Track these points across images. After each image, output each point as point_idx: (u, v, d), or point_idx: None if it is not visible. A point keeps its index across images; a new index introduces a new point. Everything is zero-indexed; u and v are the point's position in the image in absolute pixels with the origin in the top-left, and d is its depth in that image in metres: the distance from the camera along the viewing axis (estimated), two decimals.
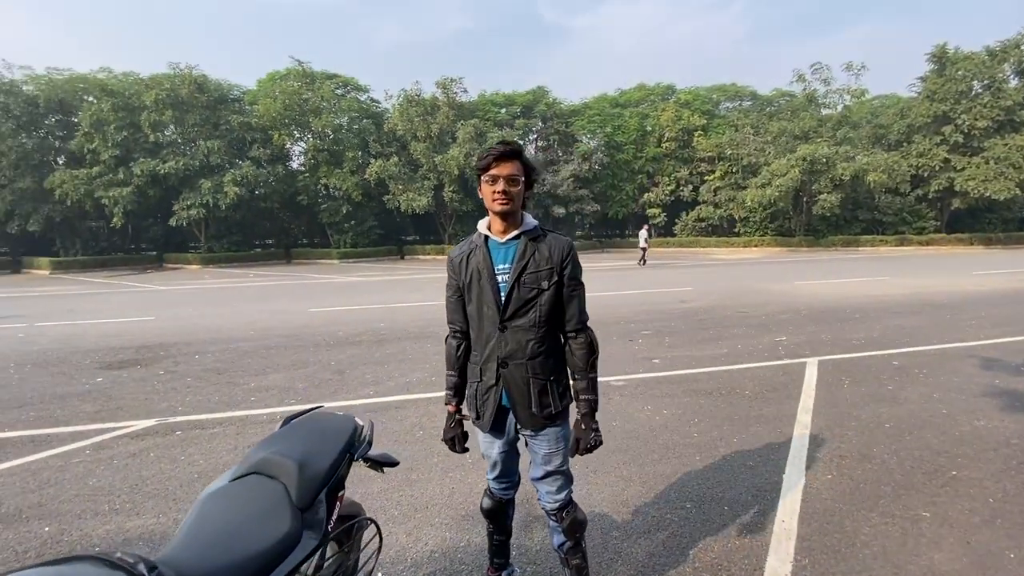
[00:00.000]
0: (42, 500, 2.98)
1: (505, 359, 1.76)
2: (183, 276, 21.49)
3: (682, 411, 4.14)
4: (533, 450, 1.87)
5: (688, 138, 33.57)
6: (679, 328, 7.50)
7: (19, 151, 25.02)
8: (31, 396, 5.03)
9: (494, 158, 1.69)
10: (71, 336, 8.23)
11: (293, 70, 29.37)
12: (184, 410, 4.53)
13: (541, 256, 1.75)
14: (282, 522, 1.31)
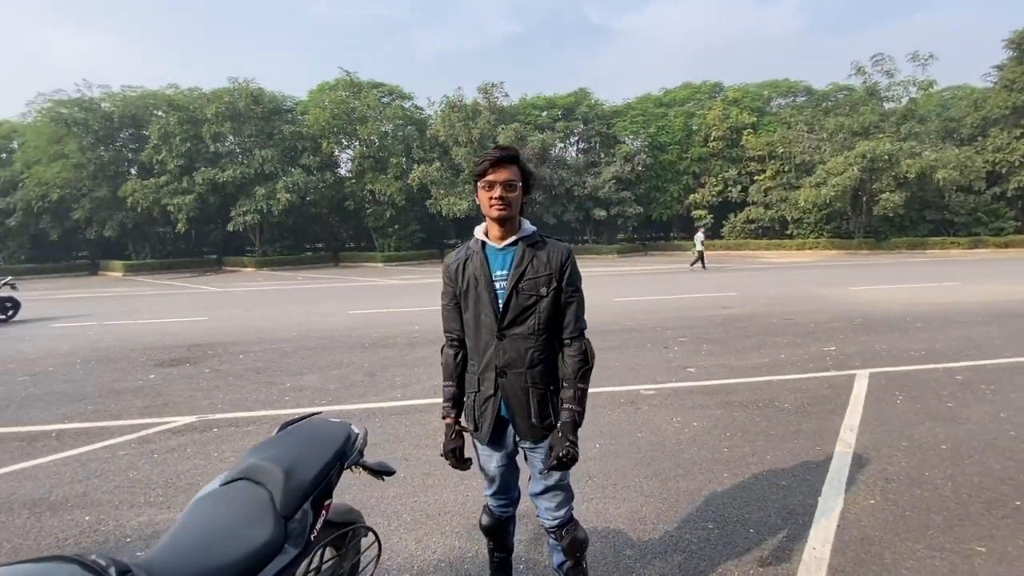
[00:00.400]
0: (86, 490, 3.18)
1: (504, 368, 1.71)
2: (238, 278, 22.67)
3: (713, 424, 3.95)
4: (532, 463, 1.82)
5: (736, 137, 32.36)
6: (718, 335, 7.19)
7: (97, 163, 27.21)
8: (90, 390, 5.41)
9: (490, 164, 1.66)
10: (133, 334, 8.82)
11: (341, 80, 30.47)
12: (223, 408, 4.73)
13: (539, 262, 1.71)
14: (263, 530, 1.31)
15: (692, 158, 33.11)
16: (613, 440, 3.69)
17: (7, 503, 3.01)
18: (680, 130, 33.09)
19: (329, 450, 1.59)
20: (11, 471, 3.48)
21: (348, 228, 34.55)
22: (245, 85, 28.36)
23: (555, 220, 31.78)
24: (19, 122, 30.02)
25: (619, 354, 6.26)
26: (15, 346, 8.10)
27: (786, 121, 32.03)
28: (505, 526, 1.95)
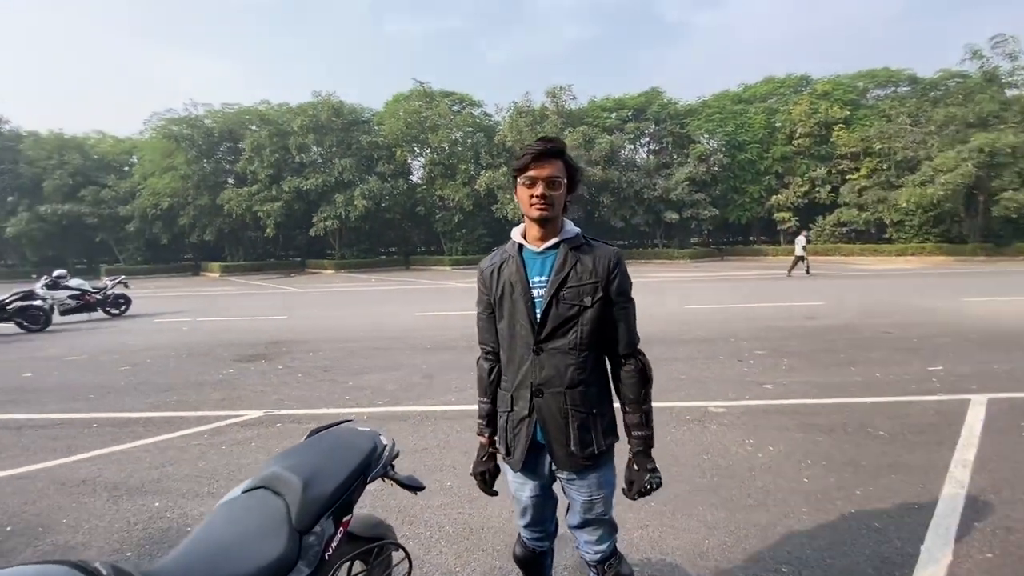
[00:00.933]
0: (160, 477, 3.38)
1: (540, 386, 1.53)
2: (318, 280, 24.11)
3: (792, 449, 3.53)
4: (571, 495, 1.63)
5: (826, 133, 29.87)
6: (802, 349, 6.55)
7: (200, 174, 30.13)
8: (177, 382, 5.87)
9: (532, 157, 1.48)
10: (220, 331, 9.55)
11: (415, 91, 31.64)
12: (288, 404, 4.93)
13: (584, 268, 1.52)
14: (276, 545, 1.25)
15: (774, 157, 30.99)
16: (675, 461, 3.39)
17: (92, 485, 3.27)
18: (761, 127, 31.08)
19: (353, 462, 1.51)
20: (101, 454, 3.79)
21: (419, 233, 35.74)
22: (327, 99, 30.25)
23: (623, 223, 30.98)
24: (138, 139, 33.96)
25: (687, 366, 5.86)
26: (122, 338, 9.04)
27: (885, 114, 29.13)
28: (540, 559, 1.78)
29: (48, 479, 3.38)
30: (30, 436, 4.22)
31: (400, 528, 2.66)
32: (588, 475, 1.56)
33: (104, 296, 12.05)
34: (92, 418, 4.66)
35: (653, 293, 13.72)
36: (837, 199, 29.51)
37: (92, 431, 4.31)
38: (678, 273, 21.06)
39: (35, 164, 31.82)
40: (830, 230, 29.56)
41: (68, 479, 3.37)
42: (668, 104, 32.46)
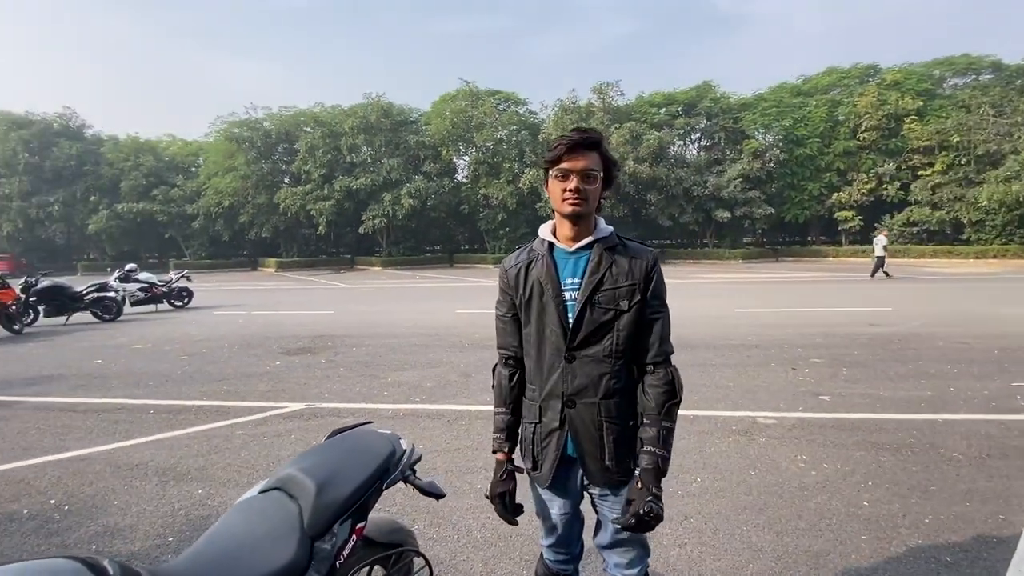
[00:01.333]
0: (205, 465, 3.51)
1: (572, 397, 1.42)
2: (366, 276, 24.80)
3: (851, 468, 3.24)
4: (603, 513, 1.51)
5: (895, 126, 27.86)
6: (864, 358, 6.08)
7: (258, 174, 31.67)
8: (229, 372, 6.13)
9: (567, 148, 1.37)
10: (271, 324, 9.95)
11: (461, 90, 31.96)
12: (329, 397, 5.04)
13: (619, 270, 1.40)
14: (287, 550, 1.22)
15: (836, 152, 29.19)
16: (719, 475, 3.19)
17: (144, 469, 3.44)
18: (822, 121, 29.33)
19: (370, 467, 1.47)
20: (154, 440, 3.99)
21: (463, 231, 36.13)
22: (376, 100, 31.07)
23: (671, 222, 30.11)
24: (203, 141, 36.08)
25: (735, 373, 5.56)
26: (184, 329, 9.59)
27: (964, 104, 26.86)
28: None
29: (105, 462, 3.58)
30: (94, 420, 4.51)
31: (427, 530, 2.63)
32: (624, 492, 1.44)
33: (169, 289, 12.85)
34: (150, 404, 4.93)
35: (702, 295, 13.22)
36: (907, 197, 27.50)
37: (149, 417, 4.56)
38: (729, 274, 20.22)
39: (114, 166, 34.43)
40: (899, 230, 27.56)
41: (123, 462, 3.56)
42: (721, 98, 31.23)
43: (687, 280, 17.92)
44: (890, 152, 28.32)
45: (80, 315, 10.96)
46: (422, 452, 1.77)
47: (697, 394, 4.82)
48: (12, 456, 3.73)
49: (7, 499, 3.08)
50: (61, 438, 4.07)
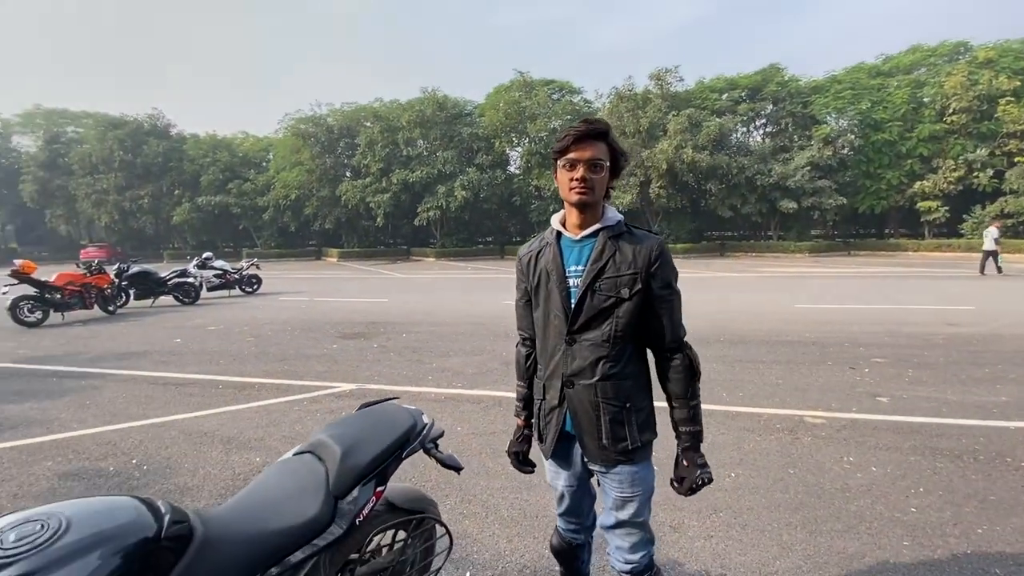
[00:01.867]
0: (264, 436, 3.83)
1: (571, 377, 1.50)
2: (420, 266, 25.53)
3: (901, 473, 3.07)
4: (604, 491, 1.58)
5: (988, 108, 25.10)
6: (934, 359, 5.65)
7: (322, 168, 33.21)
8: (290, 353, 6.58)
9: (574, 139, 1.43)
10: (331, 310, 10.52)
11: (515, 81, 31.93)
12: (378, 380, 5.31)
13: (623, 258, 1.45)
14: (313, 505, 1.36)
15: (919, 137, 26.70)
16: (755, 472, 3.12)
17: (211, 437, 3.80)
18: (904, 103, 26.89)
19: (392, 437, 1.59)
20: (221, 412, 4.39)
21: (515, 222, 36.25)
22: (432, 94, 31.65)
23: (731, 213, 28.77)
24: (273, 137, 38.23)
25: (786, 370, 5.34)
26: (252, 313, 10.32)
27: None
28: (576, 552, 1.75)
29: (179, 429, 3.99)
30: (172, 392, 5.01)
31: (458, 506, 2.76)
32: (620, 469, 1.50)
33: (240, 276, 13.85)
34: (219, 380, 5.40)
35: (760, 290, 12.65)
36: (1001, 185, 24.80)
37: (218, 391, 5.00)
38: (794, 268, 19.15)
39: (195, 162, 37.22)
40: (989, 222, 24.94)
41: (194, 431, 3.95)
42: (789, 81, 29.31)
43: (745, 274, 17.16)
44: (982, 136, 25.58)
45: (164, 298, 12.06)
46: (460, 435, 1.89)
47: (742, 390, 4.69)
48: (103, 421, 4.23)
49: (97, 457, 3.51)
50: (143, 407, 4.56)
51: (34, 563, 0.91)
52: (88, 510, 1.05)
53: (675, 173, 27.05)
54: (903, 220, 30.22)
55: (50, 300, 9.29)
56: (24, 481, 3.15)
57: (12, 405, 4.66)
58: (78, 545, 0.96)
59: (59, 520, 0.99)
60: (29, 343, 7.66)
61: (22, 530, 0.96)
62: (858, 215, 30.00)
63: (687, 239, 29.44)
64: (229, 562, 1.19)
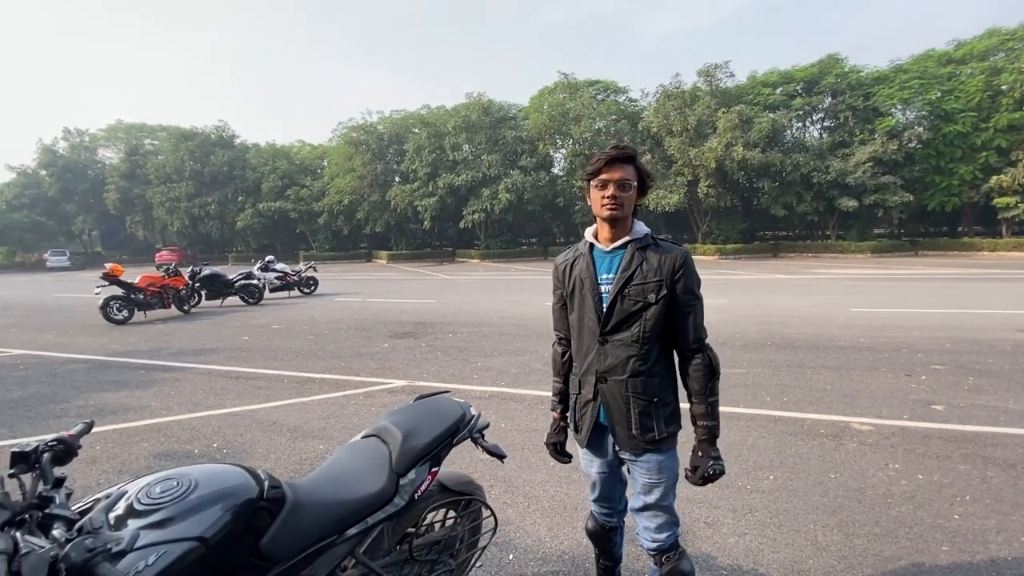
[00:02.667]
0: (325, 426, 4.19)
1: (604, 374, 1.69)
2: (465, 268, 26.07)
3: (949, 481, 3.02)
4: (633, 476, 1.75)
5: None
6: (999, 367, 5.36)
7: (372, 174, 34.49)
8: (345, 351, 7.03)
9: (605, 162, 1.63)
10: (382, 310, 11.03)
11: (559, 83, 32.02)
12: (427, 377, 5.62)
13: (649, 267, 1.63)
14: (379, 480, 1.60)
15: (996, 127, 24.72)
16: (794, 475, 3.16)
17: (279, 426, 4.19)
18: (978, 91, 24.94)
19: (444, 425, 1.81)
20: (287, 403, 4.81)
21: (558, 224, 36.31)
22: (478, 98, 32.23)
23: (785, 212, 27.63)
24: (327, 145, 40.06)
25: (835, 376, 5.23)
26: (310, 313, 10.98)
27: None
28: (609, 535, 1.91)
29: (251, 418, 4.42)
30: (243, 385, 5.50)
31: (502, 496, 2.97)
32: (648, 457, 1.67)
33: (299, 278, 14.71)
34: (284, 375, 5.87)
35: (813, 292, 12.19)
36: None
37: (283, 385, 5.45)
38: (853, 270, 18.24)
39: (256, 170, 39.57)
40: None
41: (264, 420, 4.37)
42: (849, 73, 27.82)
43: (799, 276, 16.51)
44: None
45: (231, 299, 13.00)
46: (504, 431, 2.09)
47: (787, 395, 4.66)
48: (187, 409, 4.73)
49: (184, 441, 3.96)
50: (220, 397, 5.06)
51: (176, 509, 1.18)
52: (210, 472, 1.33)
53: (724, 172, 26.29)
54: (978, 217, 28.09)
55: (135, 300, 10.27)
56: (126, 459, 3.62)
57: (110, 393, 5.29)
58: (205, 499, 1.23)
59: (190, 479, 1.27)
60: (118, 339, 8.53)
61: (165, 485, 1.24)
62: (927, 213, 28.12)
63: (738, 239, 28.51)
64: (313, 524, 1.45)
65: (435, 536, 1.88)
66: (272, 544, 1.33)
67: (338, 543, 1.48)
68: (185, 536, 1.14)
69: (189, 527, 1.16)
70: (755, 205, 29.32)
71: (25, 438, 4.09)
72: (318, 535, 1.44)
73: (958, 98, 25.44)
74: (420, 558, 1.76)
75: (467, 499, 1.95)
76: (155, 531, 1.13)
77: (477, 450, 3.31)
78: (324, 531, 1.46)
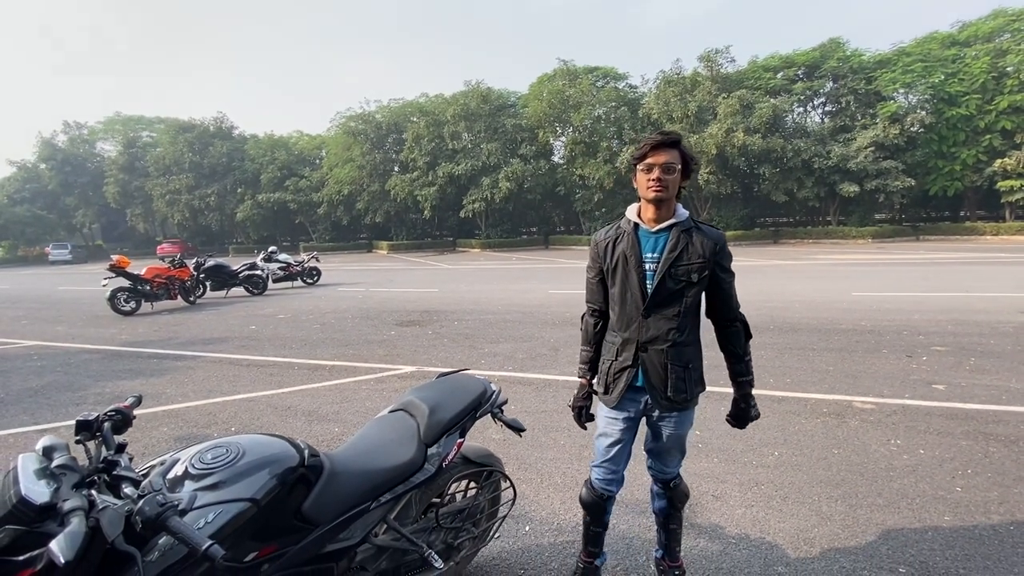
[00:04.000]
0: (339, 411, 4.28)
1: (646, 344, 1.82)
2: (466, 258, 26.12)
3: (951, 456, 3.11)
4: (656, 429, 1.93)
5: None
6: (999, 348, 5.44)
7: (371, 164, 34.37)
8: (353, 339, 7.11)
9: (651, 147, 1.73)
10: (386, 299, 11.11)
11: (559, 70, 31.75)
12: (435, 363, 5.70)
13: (693, 250, 1.77)
14: (409, 450, 1.68)
15: (1000, 110, 24.57)
16: (798, 451, 3.25)
17: (294, 411, 4.29)
18: (983, 73, 24.73)
19: (467, 399, 1.89)
20: (300, 389, 4.90)
21: (559, 212, 36.28)
22: (476, 86, 32.01)
23: (786, 198, 27.56)
24: (326, 136, 39.86)
25: (838, 358, 5.31)
26: (315, 303, 11.07)
27: None
28: (604, 505, 2.00)
29: (266, 404, 4.51)
30: (255, 372, 5.59)
31: (516, 473, 3.06)
32: (677, 415, 1.87)
33: (302, 268, 14.77)
34: (294, 362, 5.96)
35: (815, 277, 12.25)
36: None
37: (294, 371, 5.55)
38: (854, 255, 18.27)
39: (255, 161, 39.43)
40: None
41: (279, 405, 4.46)
42: (851, 56, 27.59)
43: (800, 261, 16.56)
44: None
45: (235, 290, 13.08)
46: (514, 412, 2.18)
47: (789, 377, 4.75)
48: (202, 395, 4.83)
49: (202, 425, 4.06)
50: (233, 384, 5.15)
51: (228, 473, 1.26)
52: (255, 441, 1.41)
53: (725, 158, 26.19)
54: (981, 202, 28.04)
55: (142, 291, 10.35)
56: (148, 443, 3.72)
57: (126, 381, 5.38)
58: (253, 464, 1.31)
59: (238, 447, 1.35)
60: (128, 329, 8.63)
61: (216, 452, 1.32)
62: (929, 197, 28.04)
63: (738, 226, 28.51)
64: (349, 490, 1.53)
65: (459, 505, 1.97)
66: (312, 508, 1.41)
67: (372, 509, 1.57)
68: (239, 497, 1.22)
69: (241, 489, 1.24)
70: (756, 191, 29.23)
71: (46, 423, 4.19)
72: (354, 501, 1.53)
73: (962, 80, 25.27)
74: (445, 525, 1.85)
75: (488, 470, 2.04)
76: (211, 492, 1.21)
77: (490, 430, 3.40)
78: (359, 497, 1.54)
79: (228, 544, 1.18)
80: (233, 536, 1.20)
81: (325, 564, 1.48)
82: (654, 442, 1.96)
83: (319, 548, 1.44)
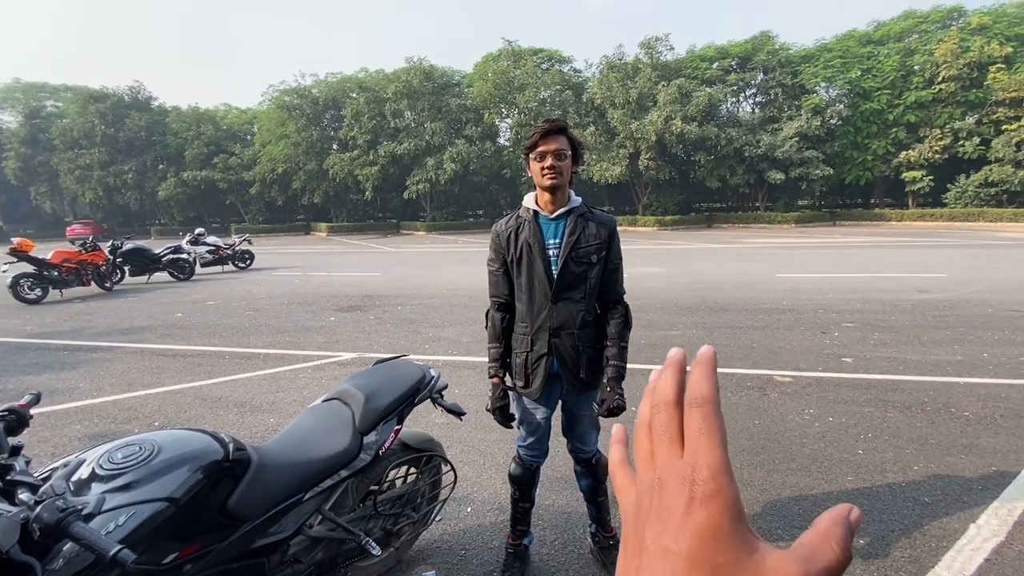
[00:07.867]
0: (275, 400, 4.12)
1: (557, 329, 1.85)
2: (410, 241, 25.60)
3: (855, 422, 3.44)
4: (573, 411, 1.99)
5: (978, 75, 25.25)
6: (900, 323, 6.04)
7: (308, 141, 32.70)
8: (289, 326, 6.82)
9: (540, 135, 1.76)
10: (325, 284, 10.72)
11: (504, 51, 31.37)
12: (377, 349, 5.59)
13: (590, 232, 1.83)
14: (343, 440, 1.64)
15: (907, 104, 26.86)
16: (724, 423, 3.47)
17: (225, 402, 4.08)
18: (893, 71, 26.92)
19: (404, 386, 1.87)
20: (230, 379, 4.66)
21: (505, 195, 36.17)
22: (419, 63, 31.04)
23: (719, 184, 28.95)
24: (257, 110, 37.42)
25: (761, 335, 5.70)
26: (248, 288, 10.50)
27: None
28: (533, 476, 2.09)
29: (194, 395, 4.26)
30: (181, 362, 5.25)
31: (459, 455, 3.08)
32: (591, 393, 1.94)
33: (233, 252, 13.93)
34: (225, 351, 5.65)
35: (744, 260, 13.00)
36: (987, 154, 25.18)
37: (225, 361, 5.26)
38: (779, 239, 19.53)
39: (178, 135, 36.43)
40: (974, 191, 25.45)
41: (208, 396, 4.23)
42: (780, 50, 29.11)
43: (731, 245, 17.51)
44: (970, 104, 25.82)
45: (159, 275, 12.15)
46: (458, 396, 2.18)
47: (719, 354, 5.02)
48: (120, 389, 4.48)
49: (121, 421, 3.78)
50: (157, 376, 4.82)
51: (141, 472, 1.18)
52: (173, 437, 1.32)
53: (664, 145, 27.04)
54: (888, 190, 30.65)
55: (48, 277, 9.39)
56: (58, 442, 3.42)
57: (32, 376, 4.90)
58: (170, 462, 1.23)
59: (152, 444, 1.26)
60: (34, 319, 7.83)
61: (126, 451, 1.23)
62: (844, 186, 30.37)
63: (675, 211, 29.65)
64: (279, 483, 1.48)
65: (398, 491, 1.96)
66: (239, 504, 1.35)
67: (305, 500, 1.52)
68: (154, 497, 1.15)
69: (157, 488, 1.16)
70: (692, 178, 30.43)
71: None
72: (284, 494, 1.48)
73: (875, 77, 27.33)
74: (384, 512, 1.83)
75: (428, 455, 2.03)
76: (121, 494, 1.13)
77: (433, 415, 3.39)
78: (290, 490, 1.50)
79: (143, 547, 1.11)
80: (149, 538, 1.14)
81: (255, 560, 1.43)
82: (570, 424, 2.02)
83: (248, 544, 1.39)
